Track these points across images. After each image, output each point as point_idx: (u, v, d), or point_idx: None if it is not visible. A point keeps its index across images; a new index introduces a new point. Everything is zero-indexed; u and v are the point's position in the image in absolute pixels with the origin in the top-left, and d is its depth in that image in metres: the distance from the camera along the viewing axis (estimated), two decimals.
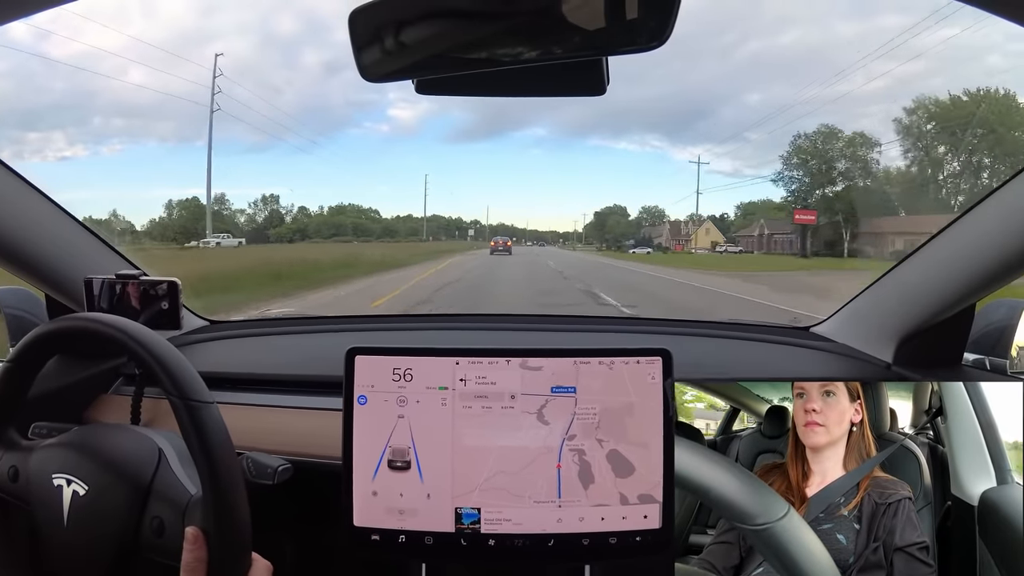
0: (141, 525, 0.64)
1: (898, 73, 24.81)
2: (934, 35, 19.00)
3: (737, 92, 56.48)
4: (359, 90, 53.45)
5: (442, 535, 0.70)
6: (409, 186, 61.66)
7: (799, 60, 49.88)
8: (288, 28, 60.47)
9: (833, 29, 50.38)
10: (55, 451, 0.69)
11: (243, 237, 25.12)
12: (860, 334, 1.09)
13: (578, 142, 63.01)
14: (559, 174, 66.42)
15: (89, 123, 37.57)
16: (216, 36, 53.41)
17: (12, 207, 0.92)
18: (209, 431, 0.61)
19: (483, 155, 65.53)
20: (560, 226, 53.33)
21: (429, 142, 58.88)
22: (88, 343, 0.67)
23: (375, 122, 55.99)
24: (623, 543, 0.70)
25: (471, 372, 0.71)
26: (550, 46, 0.49)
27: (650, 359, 0.71)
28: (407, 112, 57.15)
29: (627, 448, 0.70)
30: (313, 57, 59.65)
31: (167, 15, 49.40)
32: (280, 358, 1.19)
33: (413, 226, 36.34)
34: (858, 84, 23.56)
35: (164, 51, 41.29)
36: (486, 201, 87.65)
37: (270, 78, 49.40)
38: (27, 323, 1.06)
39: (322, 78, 55.60)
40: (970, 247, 0.83)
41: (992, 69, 23.47)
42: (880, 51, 32.20)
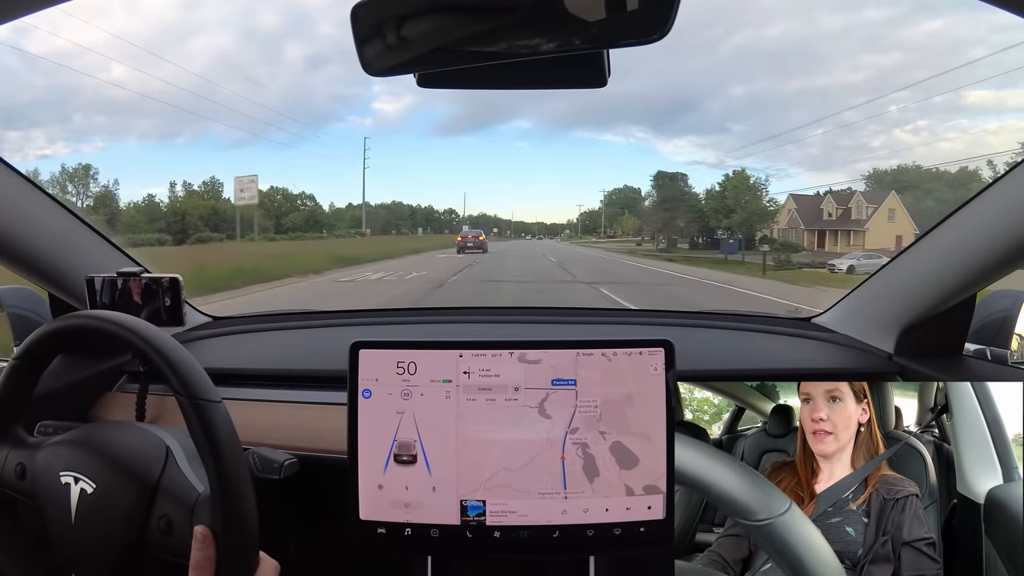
0: (149, 523, 0.64)
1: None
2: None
3: (722, 85, 56.34)
4: (344, 84, 53.11)
5: (448, 528, 0.71)
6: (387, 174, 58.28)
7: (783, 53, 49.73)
8: (270, 21, 59.71)
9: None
10: (62, 448, 0.69)
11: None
12: (861, 325, 1.09)
13: (563, 135, 62.51)
14: (546, 168, 65.67)
15: (70, 120, 37.06)
16: (197, 30, 52.76)
17: (14, 205, 0.92)
18: (217, 430, 0.61)
19: (466, 148, 64.62)
20: (548, 217, 52.31)
21: (411, 135, 57.82)
22: (94, 341, 0.67)
23: (360, 116, 55.26)
24: (627, 534, 0.71)
25: (475, 365, 0.71)
26: (551, 39, 0.49)
27: (652, 350, 0.71)
28: (391, 105, 56.55)
29: (630, 440, 0.70)
30: (296, 51, 59.05)
31: (148, 11, 48.62)
32: (283, 353, 1.19)
33: (357, 215, 29.69)
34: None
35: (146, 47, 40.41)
36: (464, 188, 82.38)
37: (253, 73, 48.85)
38: (31, 322, 1.06)
39: (305, 72, 55.07)
40: (971, 237, 0.83)
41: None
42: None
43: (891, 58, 42.36)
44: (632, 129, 57.09)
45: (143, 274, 0.99)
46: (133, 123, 37.64)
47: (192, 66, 39.37)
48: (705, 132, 50.61)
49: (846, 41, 45.24)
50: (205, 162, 42.69)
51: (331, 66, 54.80)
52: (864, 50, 44.73)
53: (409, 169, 57.64)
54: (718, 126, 49.18)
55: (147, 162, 40.75)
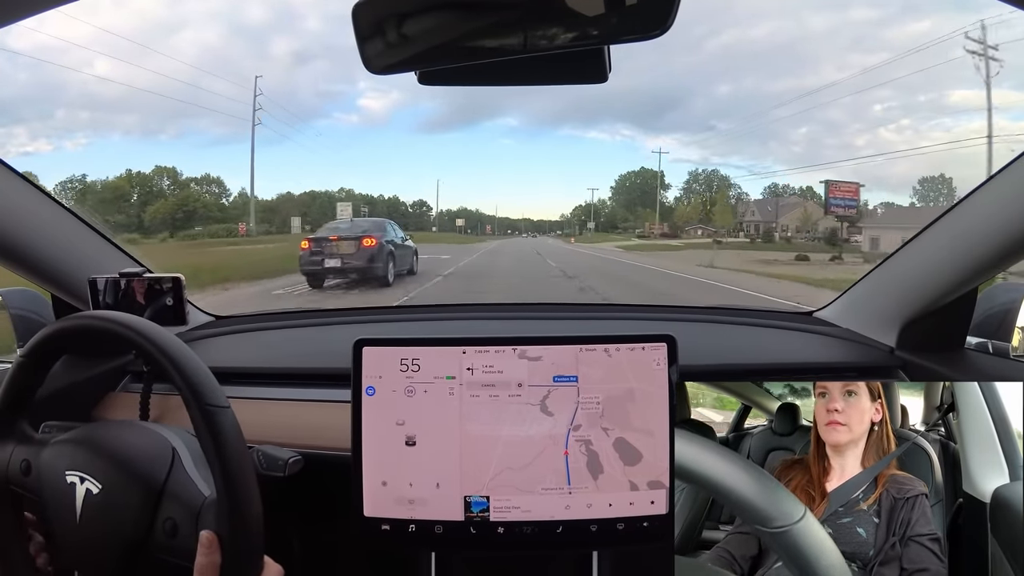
0: (154, 525, 0.64)
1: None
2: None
3: (706, 84, 56.15)
4: (329, 80, 52.71)
5: (452, 524, 0.71)
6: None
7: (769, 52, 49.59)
8: (256, 16, 59.36)
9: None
10: (67, 447, 0.69)
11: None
12: (863, 319, 1.09)
13: (549, 131, 62.22)
14: (533, 164, 64.99)
15: (53, 117, 36.41)
16: (183, 25, 52.29)
17: (15, 207, 0.92)
18: (225, 435, 0.60)
19: (450, 144, 63.94)
20: (536, 214, 50.86)
21: (396, 132, 57.06)
22: (99, 341, 0.67)
23: (345, 112, 54.87)
24: (630, 528, 0.71)
25: (478, 361, 0.71)
26: (552, 35, 0.49)
27: (655, 345, 0.71)
28: (377, 102, 56.18)
29: (633, 435, 0.71)
30: (283, 46, 58.73)
31: (134, 5, 48.03)
32: (286, 351, 1.20)
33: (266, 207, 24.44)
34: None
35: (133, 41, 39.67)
36: (438, 177, 76.54)
37: (241, 68, 48.52)
38: (34, 323, 1.07)
39: (292, 67, 54.77)
40: (972, 231, 0.83)
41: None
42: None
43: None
44: (618, 126, 57.01)
45: (145, 274, 0.99)
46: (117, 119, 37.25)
47: (177, 57, 38.91)
48: (692, 130, 50.42)
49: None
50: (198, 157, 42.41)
51: (318, 62, 54.61)
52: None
53: (394, 162, 56.65)
54: (703, 124, 49.02)
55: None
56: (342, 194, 30.06)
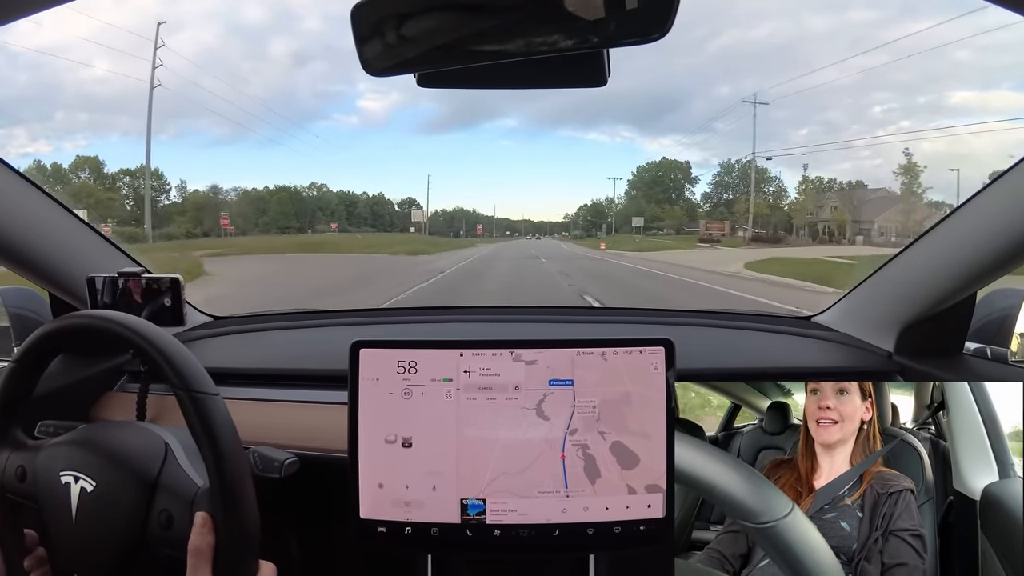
0: (149, 519, 0.65)
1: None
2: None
3: (707, 85, 56.11)
4: (328, 81, 52.63)
5: (448, 526, 0.71)
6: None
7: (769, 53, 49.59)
8: (255, 16, 59.11)
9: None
10: (62, 449, 0.69)
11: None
12: (861, 323, 1.09)
13: (549, 133, 61.93)
14: (533, 165, 64.40)
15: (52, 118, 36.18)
16: (182, 25, 52.08)
17: (14, 206, 0.92)
18: (214, 421, 0.61)
19: (448, 145, 63.53)
20: (536, 215, 49.92)
21: (394, 134, 56.69)
22: (92, 340, 0.67)
23: (344, 113, 54.61)
24: (627, 532, 0.71)
25: (475, 364, 0.71)
26: (551, 38, 0.49)
27: (653, 349, 0.71)
28: (376, 104, 55.97)
29: (630, 439, 0.70)
30: (281, 47, 58.56)
31: (132, 4, 47.79)
32: (284, 353, 1.20)
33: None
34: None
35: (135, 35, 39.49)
36: (437, 175, 74.94)
37: (237, 67, 48.31)
38: (31, 322, 1.06)
39: (290, 68, 54.59)
40: (971, 236, 0.83)
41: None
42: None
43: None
44: (618, 128, 56.95)
45: (144, 274, 0.99)
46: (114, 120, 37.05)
47: (175, 58, 38.86)
48: (691, 131, 50.38)
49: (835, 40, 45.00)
50: (192, 158, 42.06)
51: (317, 62, 54.51)
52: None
53: (393, 163, 56.22)
54: (703, 125, 49.02)
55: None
56: (313, 191, 28.26)
